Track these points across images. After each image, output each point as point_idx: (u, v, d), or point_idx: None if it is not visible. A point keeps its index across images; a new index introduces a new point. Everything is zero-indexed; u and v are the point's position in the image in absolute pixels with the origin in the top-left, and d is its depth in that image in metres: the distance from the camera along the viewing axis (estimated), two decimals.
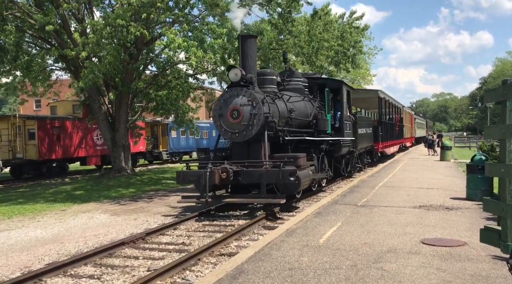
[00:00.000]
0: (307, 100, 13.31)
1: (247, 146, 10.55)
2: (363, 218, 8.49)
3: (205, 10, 16.97)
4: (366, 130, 19.24)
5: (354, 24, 28.46)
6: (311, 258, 5.82)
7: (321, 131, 13.00)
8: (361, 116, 20.46)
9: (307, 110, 12.95)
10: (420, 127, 53.84)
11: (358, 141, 17.16)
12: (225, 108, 10.43)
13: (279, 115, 10.86)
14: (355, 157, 17.27)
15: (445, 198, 10.77)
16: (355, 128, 16.53)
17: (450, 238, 6.84)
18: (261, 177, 9.54)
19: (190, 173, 10.18)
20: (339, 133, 14.42)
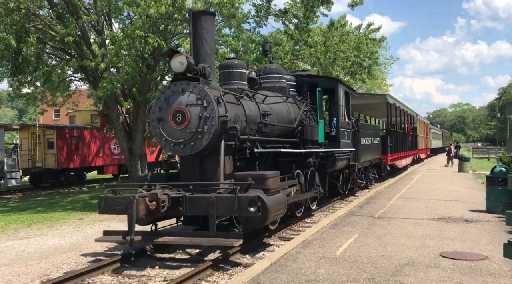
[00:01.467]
0: (291, 102, 10.76)
1: (199, 161, 7.80)
2: (380, 230, 8.38)
3: (222, 21, 17.14)
4: (372, 140, 16.96)
5: (371, 36, 28.43)
6: (328, 270, 5.77)
7: (309, 140, 10.48)
8: (365, 124, 17.13)
9: (290, 114, 10.32)
10: (435, 138, 52.07)
11: (360, 153, 14.63)
12: (167, 110, 7.60)
13: (246, 120, 8.32)
14: (356, 172, 14.65)
15: (464, 210, 10.58)
16: (356, 138, 14.23)
17: (470, 251, 6.71)
18: (210, 207, 6.73)
19: (115, 200, 7.13)
20: (335, 143, 12.07)
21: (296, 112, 10.63)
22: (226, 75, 9.32)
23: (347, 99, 13.63)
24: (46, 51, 18.67)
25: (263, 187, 7.02)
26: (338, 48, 24.36)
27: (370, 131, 17.04)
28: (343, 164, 12.54)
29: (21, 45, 15.13)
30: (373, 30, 28.34)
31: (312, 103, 11.83)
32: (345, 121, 12.90)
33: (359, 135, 14.56)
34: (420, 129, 33.53)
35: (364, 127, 15.72)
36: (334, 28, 24.25)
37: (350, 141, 13.24)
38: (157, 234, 7.33)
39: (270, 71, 11.08)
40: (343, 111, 12.86)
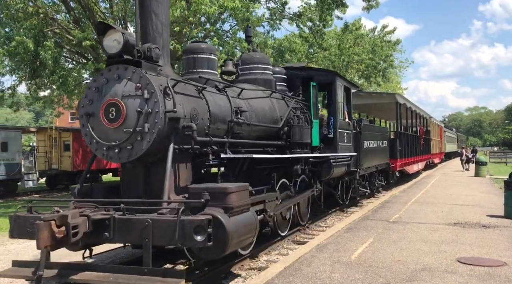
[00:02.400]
0: (277, 98, 9.03)
1: (144, 171, 6.00)
2: (395, 234, 8.29)
3: (236, 25, 17.21)
4: (378, 143, 15.17)
5: (386, 38, 28.26)
6: (342, 275, 5.72)
7: (298, 143, 8.86)
8: (369, 125, 15.23)
9: (274, 112, 8.58)
10: (450, 142, 50.11)
11: (363, 158, 12.93)
12: (98, 103, 5.81)
13: (211, 117, 6.55)
14: (358, 179, 12.92)
15: (482, 216, 10.41)
16: (358, 140, 12.59)
17: (488, 257, 6.60)
18: (144, 233, 4.88)
19: (28, 221, 5.41)
20: (331, 146, 10.48)
21: (283, 110, 8.89)
22: (190, 62, 7.47)
23: (348, 96, 12.04)
24: (63, 54, 18.96)
25: (224, 205, 5.21)
26: (353, 51, 24.25)
27: (376, 133, 15.37)
28: (341, 171, 10.88)
29: (39, 49, 15.38)
30: (388, 33, 28.17)
31: (307, 100, 10.13)
32: (344, 121, 11.32)
33: (362, 137, 12.94)
34: (434, 132, 32.00)
35: (367, 128, 14.07)
36: (348, 31, 24.13)
37: (350, 144, 11.68)
38: (78, 267, 5.12)
39: (252, 60, 9.20)
40: (342, 109, 11.18)
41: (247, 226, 5.59)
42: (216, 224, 4.93)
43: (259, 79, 9.03)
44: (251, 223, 5.70)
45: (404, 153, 18.95)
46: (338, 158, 10.44)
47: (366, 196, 14.73)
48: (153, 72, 5.90)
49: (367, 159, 13.44)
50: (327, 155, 9.98)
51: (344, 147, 11.03)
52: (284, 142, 8.69)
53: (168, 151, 5.62)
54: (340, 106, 11.04)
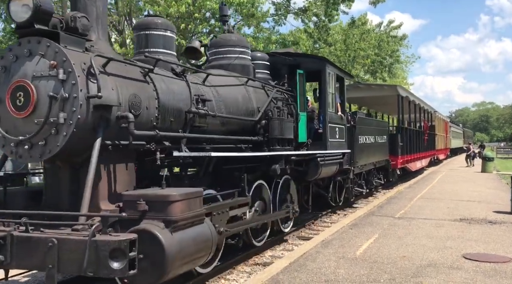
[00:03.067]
0: (255, 86, 7.84)
1: (71, 173, 4.81)
2: (401, 230, 8.28)
3: (241, 21, 17.18)
4: (376, 138, 14.02)
5: (392, 33, 28.13)
6: (347, 271, 5.72)
7: (278, 139, 7.62)
8: (365, 118, 14.07)
9: (250, 102, 7.43)
10: (456, 137, 48.84)
11: (359, 155, 11.74)
12: (4, 85, 4.57)
13: (160, 106, 5.33)
14: (352, 179, 11.61)
15: (488, 212, 10.36)
16: (352, 135, 11.45)
17: (494, 253, 6.56)
18: (48, 257, 3.71)
19: None
20: (321, 142, 9.42)
21: (262, 101, 7.71)
22: (140, 39, 6.17)
23: (341, 86, 11.10)
24: None
25: (165, 217, 4.10)
26: (359, 46, 24.16)
27: (373, 127, 14.09)
28: (332, 170, 9.67)
29: None
30: (394, 28, 28.02)
31: (293, 90, 9.03)
32: (336, 115, 10.22)
33: (356, 132, 11.78)
34: (439, 127, 30.88)
35: (363, 122, 12.82)
36: (354, 26, 24.02)
37: (343, 140, 10.54)
38: None
39: (227, 43, 7.96)
40: (333, 101, 10.06)
41: (199, 243, 4.47)
42: (152, 242, 3.86)
43: (234, 65, 7.83)
44: (204, 238, 4.55)
45: (406, 150, 17.86)
46: (327, 156, 9.19)
47: (363, 195, 13.55)
48: (77, 47, 4.63)
49: (363, 156, 12.29)
50: (313, 152, 8.77)
51: (335, 144, 9.89)
52: (261, 137, 7.51)
53: (93, 148, 4.36)
54: (330, 97, 9.87)
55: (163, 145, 5.32)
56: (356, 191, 12.29)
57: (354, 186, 11.97)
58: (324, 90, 9.67)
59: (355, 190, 12.20)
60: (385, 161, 15.32)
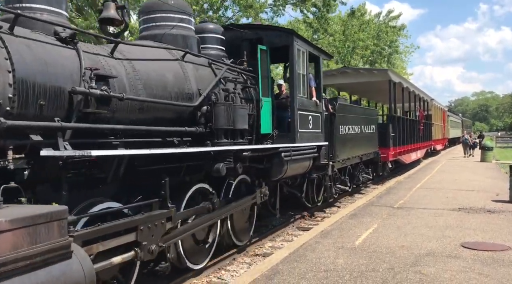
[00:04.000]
0: (197, 63, 6.25)
1: None
2: (400, 220, 8.32)
3: (239, 11, 17.10)
4: (362, 128, 12.52)
5: (391, 24, 28.04)
6: (346, 260, 5.76)
7: (227, 130, 6.05)
8: (347, 105, 12.65)
9: (186, 83, 5.84)
10: (454, 127, 47.24)
11: (340, 147, 10.28)
12: None
13: (15, 83, 3.66)
14: (331, 175, 9.98)
15: (487, 201, 10.40)
16: (332, 125, 9.97)
17: (492, 242, 6.61)
18: None
19: None
20: (289, 134, 7.94)
21: (206, 81, 6.13)
22: None
23: (317, 67, 9.60)
24: None
25: None
26: (358, 36, 24.07)
27: (358, 115, 12.53)
28: (303, 166, 8.33)
29: None
30: (393, 18, 27.91)
31: (256, 70, 7.53)
32: (309, 100, 8.70)
33: (337, 121, 10.18)
34: (436, 117, 29.48)
35: (345, 109, 11.21)
36: (354, 17, 23.94)
37: (319, 130, 9.14)
38: None
39: (160, 7, 6.16)
40: (305, 84, 8.51)
41: None
42: None
43: (170, 36, 6.09)
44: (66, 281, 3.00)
45: (398, 141, 16.45)
46: (296, 150, 7.74)
47: (348, 193, 12.20)
48: None
49: (345, 148, 10.85)
50: (275, 146, 7.25)
51: (307, 135, 8.41)
52: (203, 128, 5.81)
53: None
54: (301, 79, 8.30)
55: (23, 140, 3.72)
56: (338, 189, 10.76)
57: (335, 183, 10.52)
58: (292, 70, 8.02)
59: (337, 188, 10.68)
60: (374, 153, 13.91)
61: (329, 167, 9.72)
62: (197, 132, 5.80)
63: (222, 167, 5.77)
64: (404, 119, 18.05)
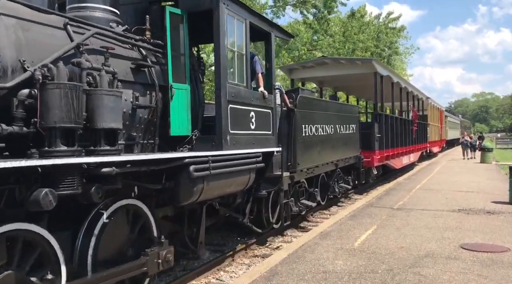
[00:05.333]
0: (27, 20, 3.88)
1: None
2: (399, 221, 8.31)
3: None
4: (338, 128, 10.38)
5: (391, 25, 28.08)
6: (345, 262, 5.75)
7: (69, 130, 3.66)
8: (313, 99, 9.88)
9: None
10: (453, 128, 45.25)
11: (303, 153, 8.26)
12: None
13: None
14: (288, 191, 7.59)
15: (486, 202, 10.40)
16: (290, 124, 7.91)
17: (492, 243, 6.61)
18: None
19: None
20: (216, 138, 5.57)
21: (46, 49, 3.96)
22: None
23: (268, 47, 7.24)
24: None
25: None
26: (357, 38, 24.08)
27: (330, 112, 10.14)
28: (236, 182, 5.93)
29: None
30: (393, 19, 27.95)
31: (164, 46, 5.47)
32: (250, 91, 6.40)
33: (298, 119, 8.06)
34: (433, 117, 27.78)
35: (310, 104, 8.95)
36: (354, 18, 23.97)
37: (269, 132, 6.82)
38: None
39: None
40: (244, 67, 6.26)
41: None
42: None
43: None
44: None
45: (386, 143, 14.42)
46: (221, 160, 5.38)
47: (319, 207, 10.13)
48: None
49: (312, 154, 8.78)
50: (174, 156, 4.76)
51: (246, 139, 6.06)
52: (22, 126, 3.60)
53: None
54: (234, 59, 6.04)
55: None
56: (300, 207, 8.54)
57: (299, 198, 8.62)
58: (217, 46, 5.63)
59: (300, 205, 8.56)
60: (356, 158, 11.92)
61: (285, 179, 7.25)
62: (14, 133, 3.50)
63: (46, 197, 3.27)
64: (393, 118, 16.09)
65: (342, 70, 14.60)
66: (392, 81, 15.85)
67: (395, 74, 17.34)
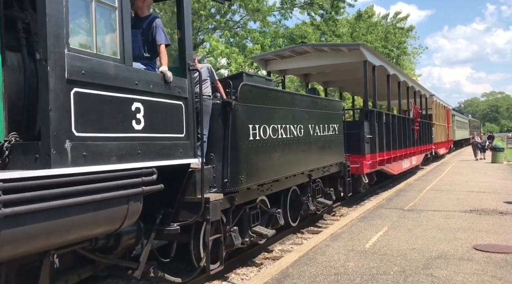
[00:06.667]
0: None
1: None
2: (410, 222, 8.26)
3: (247, 15, 17.15)
4: (311, 128, 8.03)
5: (399, 25, 27.98)
6: (357, 263, 5.73)
7: None
8: (267, 89, 6.82)
9: None
10: (461, 127, 42.48)
11: (254, 163, 6.04)
12: None
13: None
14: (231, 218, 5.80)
15: (499, 202, 10.29)
16: (226, 125, 5.68)
17: (505, 244, 6.53)
18: None
19: None
20: (42, 146, 3.33)
21: None
22: None
23: (179, 9, 5.21)
24: None
25: None
26: (365, 39, 24.00)
27: (297, 109, 7.55)
28: (85, 223, 3.64)
29: None
30: (400, 19, 27.84)
31: None
32: (131, 69, 4.23)
33: (238, 116, 5.76)
34: (438, 116, 25.76)
35: (261, 96, 6.45)
36: (362, 19, 23.92)
37: (181, 135, 4.91)
38: None
39: None
40: (117, 26, 4.10)
41: None
42: None
43: None
44: None
45: (381, 145, 12.50)
46: (31, 188, 3.15)
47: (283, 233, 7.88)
48: None
49: (267, 164, 6.38)
50: None
51: (120, 147, 4.02)
52: None
53: None
54: (89, 8, 3.84)
55: None
56: (252, 237, 6.18)
57: (251, 226, 6.19)
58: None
59: (252, 235, 6.17)
60: (339, 165, 9.68)
61: (214, 205, 5.08)
62: None
63: None
64: (389, 116, 13.85)
65: (327, 60, 12.25)
66: (388, 73, 13.75)
67: (392, 65, 15.01)
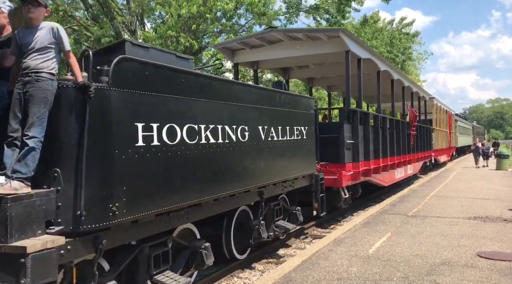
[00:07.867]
0: None
1: None
2: (414, 228, 8.22)
3: (252, 19, 17.20)
4: (261, 130, 6.02)
5: (404, 30, 27.97)
6: (360, 269, 5.71)
7: None
8: (162, 65, 4.18)
9: None
10: (464, 133, 40.77)
11: (140, 181, 3.79)
12: None
13: None
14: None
15: (503, 209, 10.23)
16: (81, 120, 3.37)
17: (510, 251, 6.49)
18: None
19: None
20: None
21: None
22: None
23: None
24: None
25: None
26: (371, 44, 24.00)
27: (236, 104, 5.50)
28: None
29: None
30: (406, 25, 27.84)
31: None
32: None
33: (113, 110, 3.58)
34: (440, 121, 24.28)
35: (163, 80, 4.19)
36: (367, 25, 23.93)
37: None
38: None
39: None
40: None
41: None
42: None
43: None
44: None
45: (367, 151, 10.64)
46: None
47: None
48: None
49: (172, 182, 4.26)
50: None
51: None
52: None
53: None
54: None
55: None
56: None
57: (151, 276, 4.36)
58: None
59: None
60: (308, 178, 7.84)
61: (38, 261, 2.98)
62: None
63: None
64: (379, 119, 11.71)
65: (304, 50, 10.08)
66: (379, 69, 11.69)
67: (383, 60, 12.77)
